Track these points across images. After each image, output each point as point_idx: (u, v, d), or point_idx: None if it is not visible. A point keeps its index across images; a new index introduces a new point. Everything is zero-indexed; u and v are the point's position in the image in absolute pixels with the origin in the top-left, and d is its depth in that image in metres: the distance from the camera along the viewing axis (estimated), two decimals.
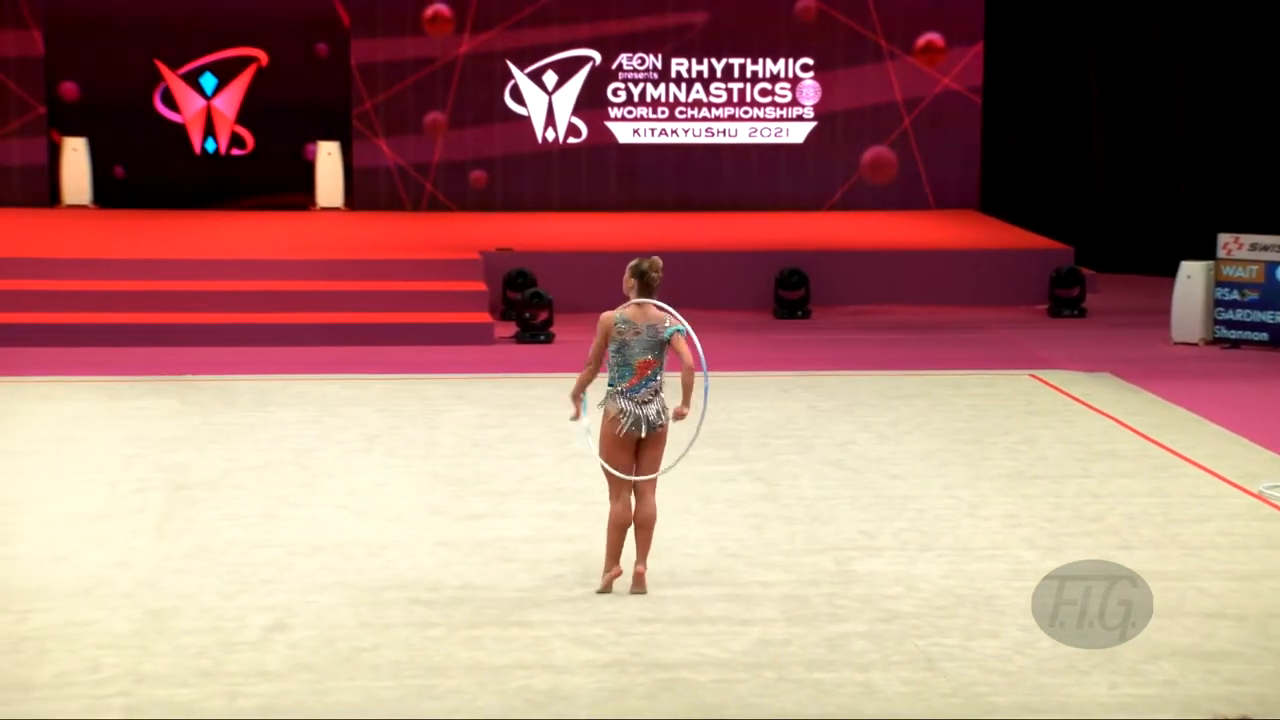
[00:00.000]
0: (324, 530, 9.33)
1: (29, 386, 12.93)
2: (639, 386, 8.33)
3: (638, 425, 8.30)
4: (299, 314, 15.53)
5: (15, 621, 7.70)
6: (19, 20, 18.58)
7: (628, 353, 8.35)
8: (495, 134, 19.73)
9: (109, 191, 19.18)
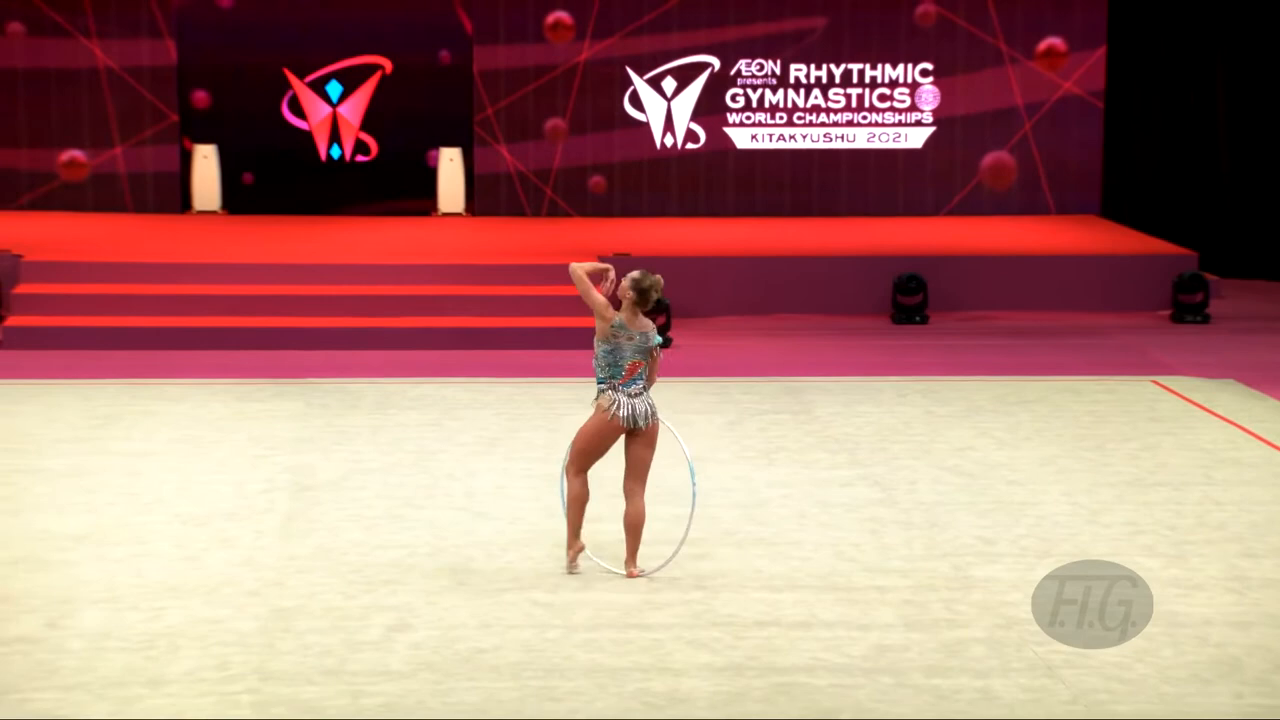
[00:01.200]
0: (445, 532, 9.45)
1: (162, 388, 13.21)
2: (630, 382, 8.73)
3: (630, 418, 8.69)
4: (421, 318, 15.73)
5: (148, 619, 7.89)
6: (154, 30, 18.99)
7: (618, 355, 8.73)
8: (614, 140, 19.84)
9: (237, 197, 19.53)
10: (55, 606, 7.98)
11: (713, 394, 13.33)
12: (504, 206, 19.73)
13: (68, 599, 8.09)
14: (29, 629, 7.68)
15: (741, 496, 10.36)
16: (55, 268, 16.00)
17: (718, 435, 11.94)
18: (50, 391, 12.98)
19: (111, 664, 7.34)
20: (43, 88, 18.90)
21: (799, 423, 12.29)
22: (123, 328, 15.15)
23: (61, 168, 19.09)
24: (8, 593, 8.16)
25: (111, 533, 9.25)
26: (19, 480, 10.30)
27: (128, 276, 16.00)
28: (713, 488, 10.53)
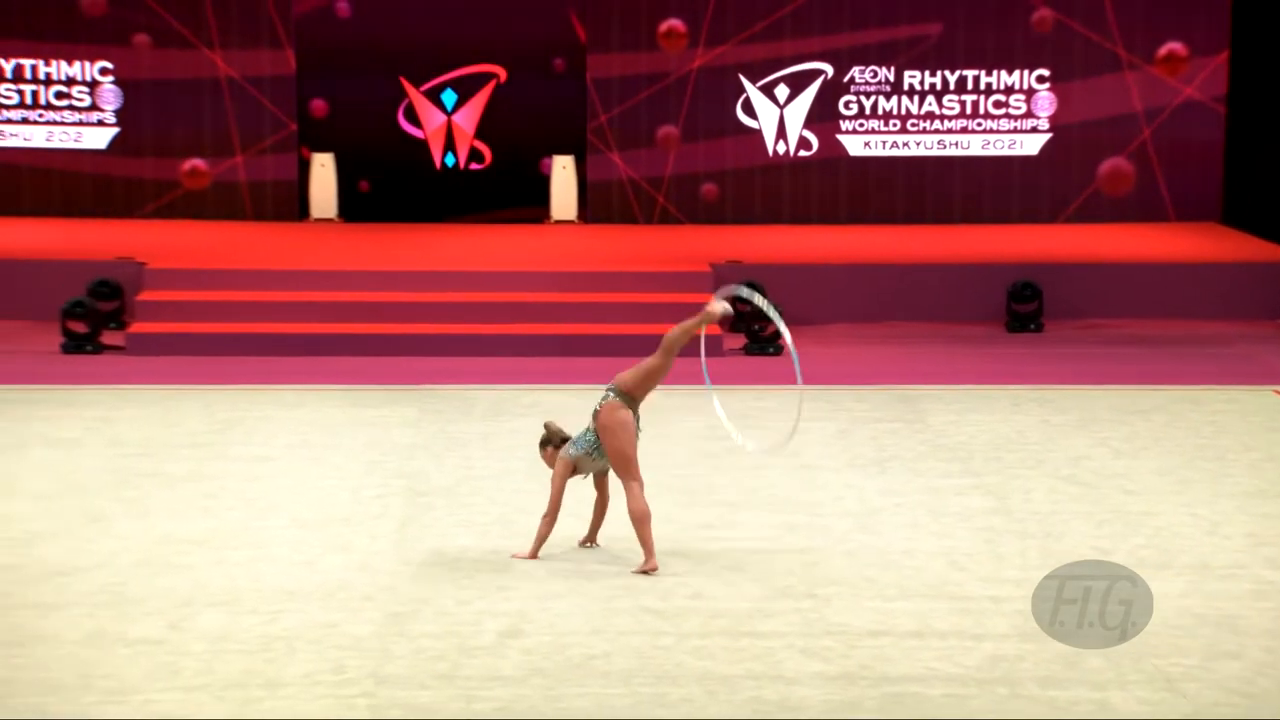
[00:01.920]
0: (556, 538, 9.49)
1: (279, 394, 13.39)
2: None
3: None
4: (533, 325, 15.83)
5: (266, 622, 7.99)
6: (274, 41, 19.27)
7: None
8: (727, 147, 19.83)
9: (354, 205, 19.76)
10: (177, 609, 8.11)
11: (824, 402, 13.28)
12: (616, 214, 19.79)
13: (189, 601, 8.23)
14: (152, 631, 7.82)
15: (853, 505, 10.32)
16: (177, 275, 16.27)
17: (829, 443, 11.90)
18: (172, 397, 13.21)
19: (231, 666, 7.45)
20: (167, 98, 19.24)
21: (912, 431, 12.22)
22: (242, 334, 15.38)
23: (184, 176, 19.41)
24: (132, 595, 8.31)
25: (231, 537, 9.39)
26: (143, 484, 10.49)
27: (247, 283, 16.24)
28: (824, 496, 10.50)
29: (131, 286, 16.01)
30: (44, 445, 11.46)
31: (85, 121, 19.22)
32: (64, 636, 7.68)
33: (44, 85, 19.13)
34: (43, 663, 7.38)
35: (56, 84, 19.14)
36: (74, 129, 19.22)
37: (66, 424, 12.09)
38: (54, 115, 19.19)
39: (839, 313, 16.86)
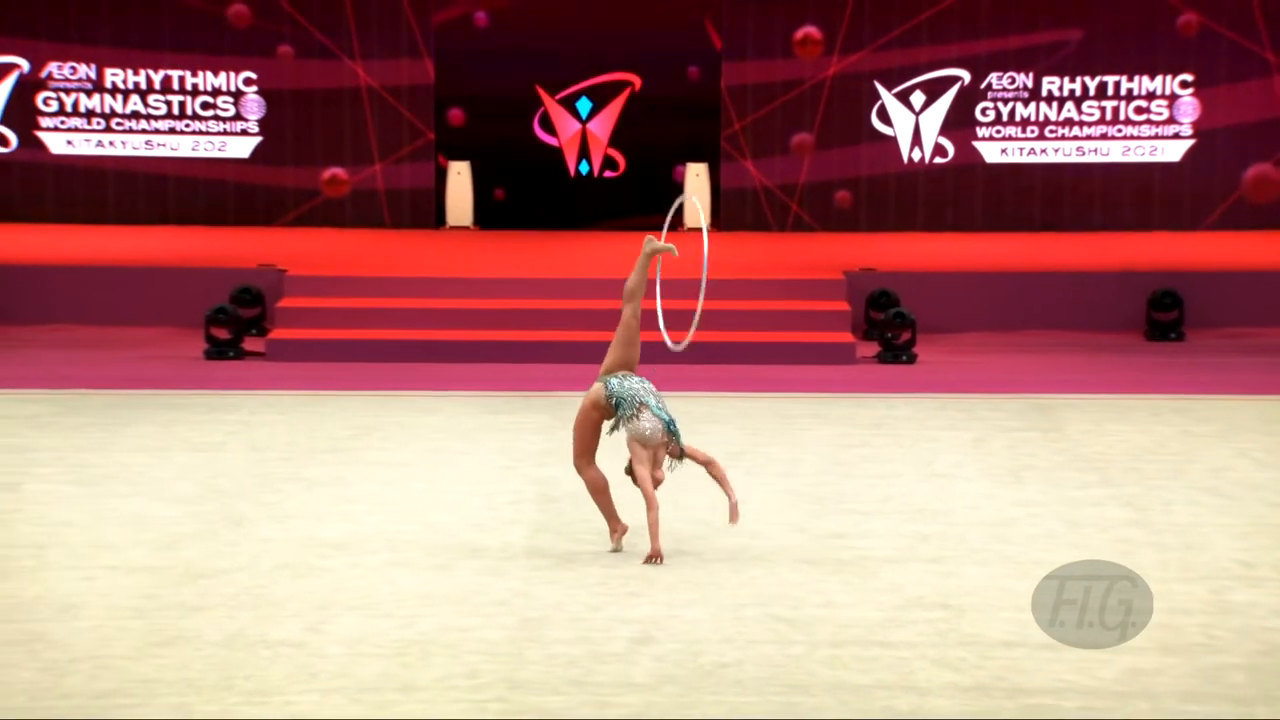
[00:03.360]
0: (686, 544, 9.50)
1: (415, 400, 13.55)
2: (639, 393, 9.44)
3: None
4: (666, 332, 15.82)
5: (401, 626, 8.08)
6: (413, 50, 19.52)
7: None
8: (861, 154, 19.75)
9: (489, 213, 19.94)
10: (315, 612, 8.23)
11: (958, 410, 13.17)
12: (749, 221, 19.79)
13: (327, 604, 8.34)
14: (292, 633, 7.94)
15: (988, 514, 10.22)
16: (316, 282, 16.53)
17: (963, 452, 11.80)
18: (310, 402, 13.42)
19: (367, 669, 7.54)
20: (308, 107, 19.56)
21: (1048, 440, 12.08)
22: (378, 340, 15.59)
23: (324, 185, 19.72)
24: (273, 597, 8.44)
25: (367, 541, 9.52)
26: (284, 488, 10.67)
27: (384, 290, 16.46)
28: (958, 505, 10.41)
29: (272, 293, 16.29)
30: (187, 450, 11.69)
31: (229, 131, 19.60)
32: (206, 637, 7.83)
33: (190, 96, 19.53)
34: (186, 663, 7.52)
35: (202, 95, 19.54)
36: (218, 138, 19.60)
37: (209, 429, 12.33)
38: (199, 125, 19.59)
39: (974, 321, 16.71)
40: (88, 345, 15.92)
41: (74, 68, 19.38)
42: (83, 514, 9.90)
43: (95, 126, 19.48)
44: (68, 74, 19.38)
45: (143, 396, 13.53)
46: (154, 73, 19.44)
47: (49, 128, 19.45)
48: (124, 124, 19.50)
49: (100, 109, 19.46)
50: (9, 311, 16.42)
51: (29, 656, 7.52)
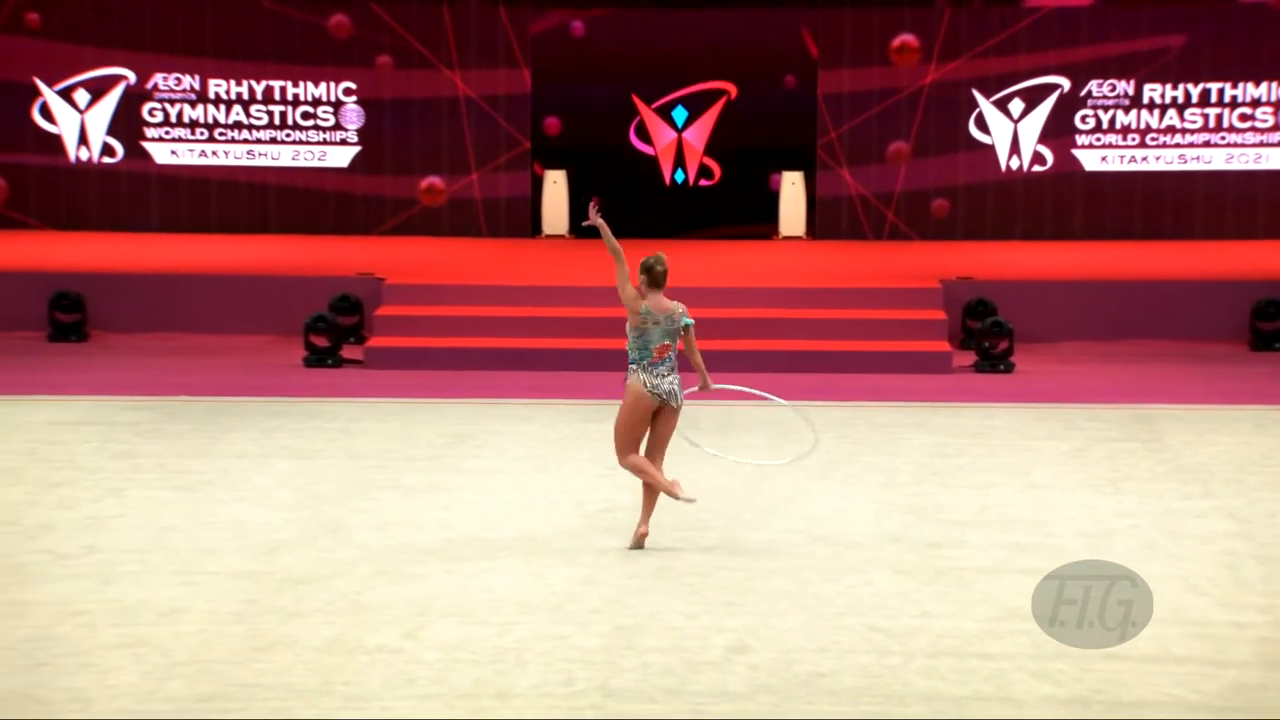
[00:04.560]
0: (782, 554, 9.48)
1: (510, 408, 13.62)
2: (659, 364, 9.51)
3: (657, 395, 9.43)
4: (761, 341, 15.84)
5: (497, 633, 8.13)
6: (511, 60, 19.64)
7: (647, 338, 9.56)
8: (958, 162, 19.63)
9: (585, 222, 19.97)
10: (413, 618, 8.29)
11: (1057, 420, 13.06)
12: (845, 230, 19.72)
13: (424, 611, 8.40)
14: (389, 639, 8.01)
15: (1087, 525, 10.12)
16: (414, 290, 16.65)
17: (1062, 462, 11.69)
18: (408, 410, 13.52)
19: (463, 676, 7.59)
20: (406, 117, 19.73)
21: (1148, 451, 11.94)
22: (475, 348, 15.68)
23: (422, 194, 19.88)
24: (370, 603, 8.52)
25: (463, 548, 9.58)
26: (382, 495, 10.76)
27: (480, 299, 16.55)
28: (1056, 516, 10.32)
29: (371, 302, 16.44)
30: (287, 456, 11.82)
31: (329, 141, 19.80)
32: (305, 643, 7.91)
33: (291, 106, 19.76)
34: (285, 668, 7.61)
35: (303, 105, 19.76)
36: (318, 148, 19.81)
37: (308, 436, 12.46)
38: (300, 135, 19.81)
39: (1073, 330, 16.55)
40: (189, 353, 16.13)
41: (178, 79, 19.67)
42: (185, 519, 10.04)
43: (199, 137, 19.76)
44: (172, 85, 19.68)
45: (243, 404, 13.70)
46: (256, 83, 19.69)
47: (154, 138, 19.75)
48: (226, 134, 19.76)
49: (204, 119, 19.73)
50: (113, 319, 16.68)
51: (133, 660, 7.64)
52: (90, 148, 19.66)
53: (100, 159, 19.68)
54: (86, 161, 19.67)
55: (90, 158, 19.67)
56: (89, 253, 18.09)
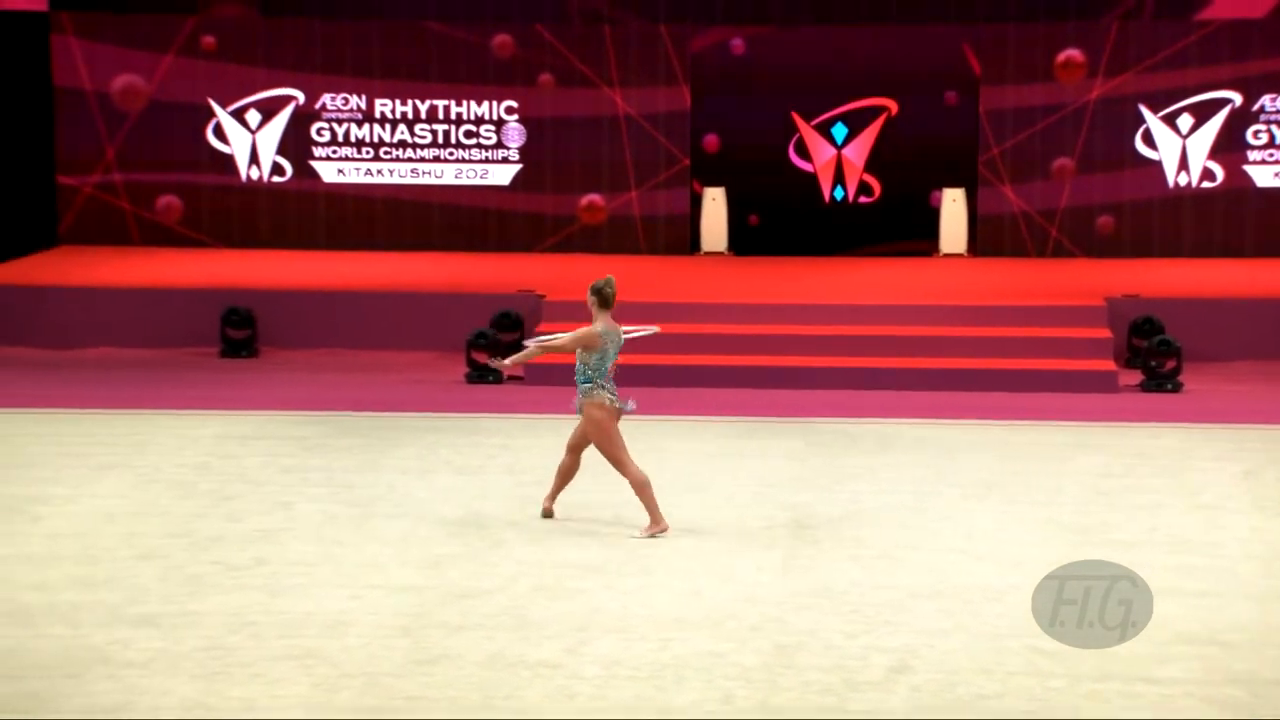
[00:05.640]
0: (943, 574, 9.40)
1: (669, 424, 13.66)
2: (611, 379, 10.21)
3: (617, 407, 10.17)
4: (920, 359, 15.72)
5: (656, 649, 8.15)
6: (671, 78, 19.73)
7: (606, 359, 10.16)
8: (1124, 179, 19.32)
9: (744, 239, 20.01)
10: (573, 633, 8.35)
11: (1227, 441, 12.79)
12: (1007, 246, 19.50)
13: (584, 626, 8.46)
14: (550, 654, 8.07)
15: (1259, 549, 9.90)
16: (574, 307, 16.74)
17: (1232, 484, 11.45)
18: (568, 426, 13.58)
19: (623, 692, 7.62)
20: (567, 135, 19.90)
21: None
22: (633, 365, 15.69)
23: (582, 211, 20.03)
24: (532, 618, 8.59)
25: (623, 564, 9.62)
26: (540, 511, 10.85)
27: (639, 316, 16.56)
28: (1226, 538, 10.11)
29: (532, 318, 16.58)
30: (449, 471, 11.97)
31: (491, 159, 20.03)
32: (468, 657, 8.00)
33: (454, 125, 20.03)
34: (449, 681, 7.70)
35: (466, 123, 20.02)
36: (480, 166, 20.05)
37: (470, 451, 12.60)
38: (462, 153, 20.07)
39: (1245, 349, 16.20)
40: (355, 369, 16.41)
41: (346, 99, 20.03)
42: (351, 533, 10.21)
43: (364, 155, 20.10)
44: (340, 105, 20.05)
45: (407, 419, 13.89)
46: (420, 102, 19.99)
47: (321, 157, 20.12)
48: (391, 153, 20.08)
49: (369, 138, 20.07)
50: (281, 335, 17.03)
51: (302, 672, 7.78)
52: (261, 167, 20.10)
53: (270, 178, 20.11)
54: (257, 180, 20.12)
55: (261, 177, 20.11)
56: (259, 270, 18.49)
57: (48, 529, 10.19)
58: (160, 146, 19.90)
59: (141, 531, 10.14)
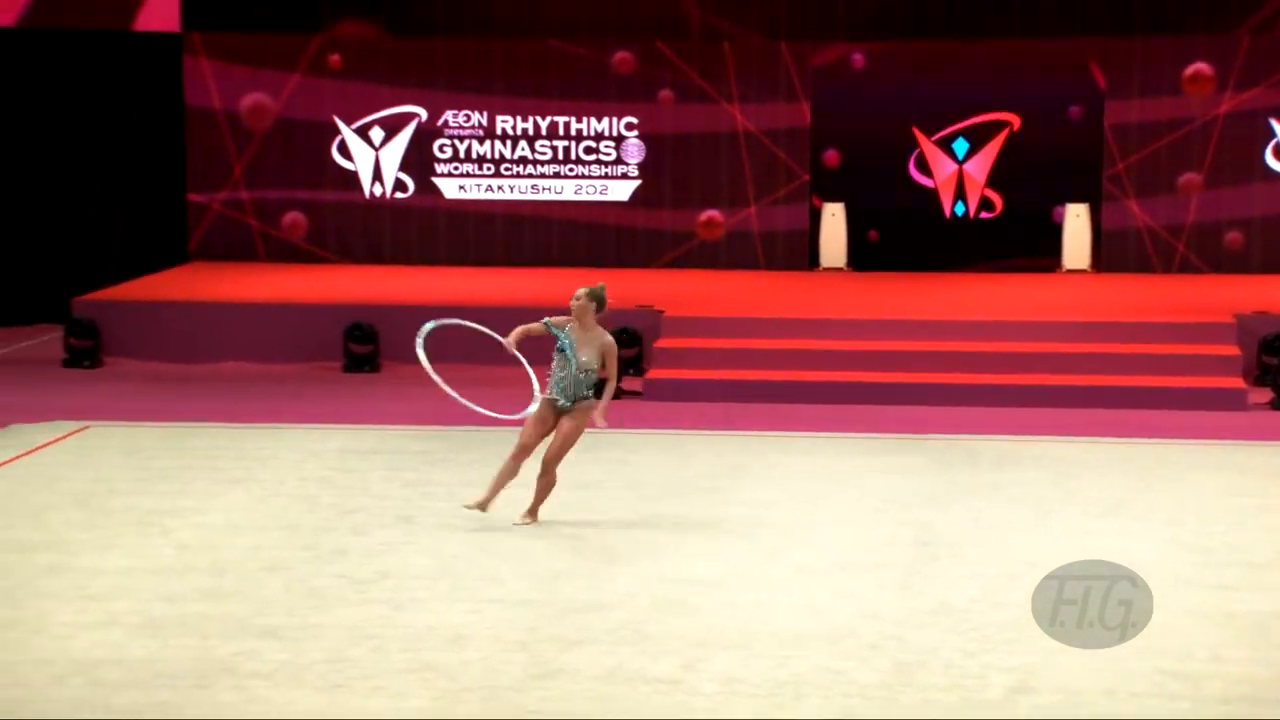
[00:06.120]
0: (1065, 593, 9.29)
1: (788, 440, 13.63)
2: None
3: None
4: (1042, 375, 15.55)
5: (775, 666, 8.14)
6: (790, 94, 19.70)
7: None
8: (1254, 194, 18.99)
9: (862, 255, 19.92)
10: (691, 649, 8.36)
11: None
12: (1132, 262, 19.25)
13: (702, 643, 8.46)
14: (668, 670, 8.08)
15: None
16: (692, 323, 16.80)
17: None
18: (686, 441, 13.64)
19: (739, 709, 7.62)
20: (686, 151, 19.94)
21: None
22: (753, 381, 15.73)
23: (700, 227, 20.05)
24: (649, 633, 8.61)
25: (741, 580, 9.61)
26: (660, 525, 10.87)
27: (758, 332, 16.61)
28: None
29: (650, 334, 16.62)
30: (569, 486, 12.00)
31: (610, 175, 20.12)
32: (585, 672, 8.03)
33: (574, 141, 20.14)
34: (565, 695, 7.74)
35: (586, 140, 20.13)
36: (600, 182, 20.15)
37: (588, 466, 12.63)
38: (582, 169, 20.17)
39: None
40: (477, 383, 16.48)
41: (467, 115, 20.23)
42: (470, 547, 10.30)
43: (485, 172, 20.27)
44: (461, 122, 20.24)
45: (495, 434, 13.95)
46: (541, 119, 20.13)
47: (443, 173, 20.32)
48: (512, 169, 20.23)
49: (490, 155, 20.24)
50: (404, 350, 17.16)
51: (422, 685, 7.86)
52: (384, 183, 20.33)
53: (393, 194, 20.34)
54: (380, 197, 20.35)
55: (384, 193, 20.35)
56: (382, 285, 18.70)
57: (177, 541, 10.38)
58: (286, 164, 20.21)
59: (267, 544, 10.30)
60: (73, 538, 10.40)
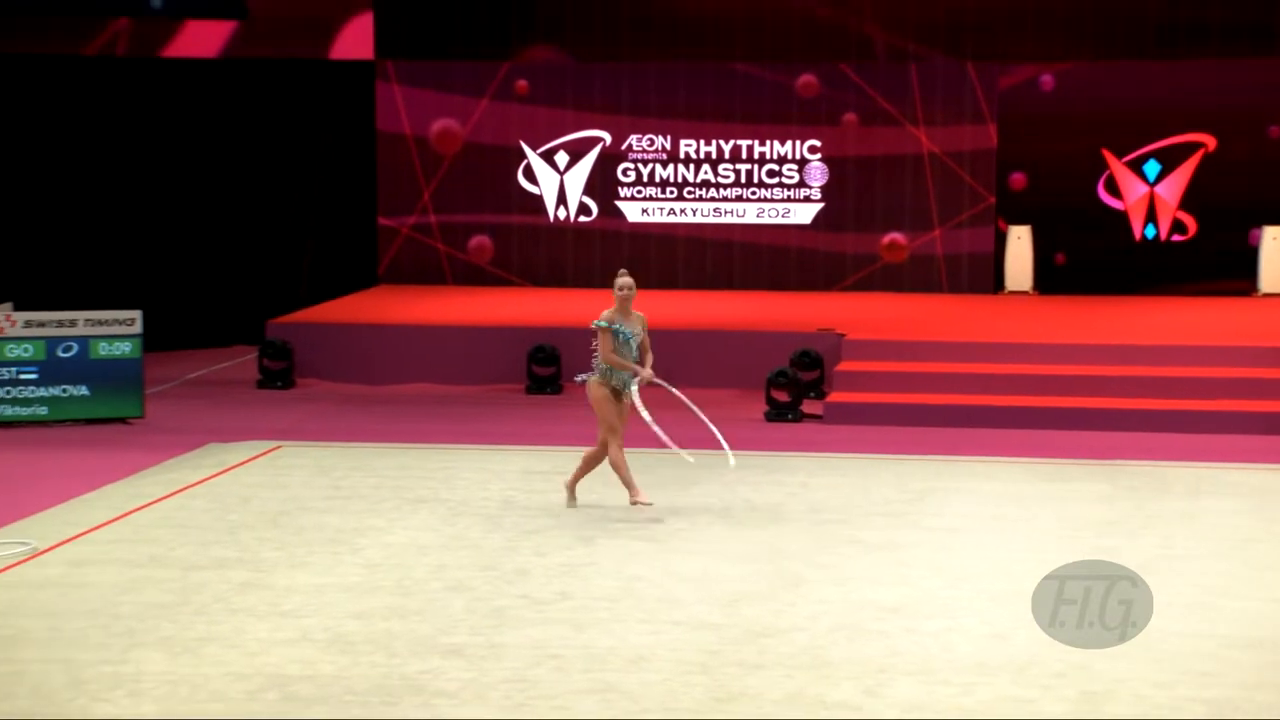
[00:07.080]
0: (1262, 624, 9.05)
1: (972, 465, 13.48)
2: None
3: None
4: (1239, 401, 15.19)
5: (958, 694, 8.04)
6: (977, 116, 19.53)
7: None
8: None
9: (1049, 277, 19.65)
10: (873, 675, 8.30)
11: None
12: None
13: (884, 669, 8.39)
14: (849, 695, 8.03)
15: None
16: (874, 346, 16.70)
17: None
18: (868, 465, 13.55)
19: None
20: (869, 174, 19.85)
21: None
22: (936, 405, 15.59)
23: (883, 250, 19.94)
24: (830, 658, 8.57)
25: (923, 606, 9.52)
26: (841, 550, 10.82)
27: (941, 355, 16.45)
28: None
29: (831, 357, 16.56)
30: (748, 509, 12.03)
31: (793, 198, 20.10)
32: (765, 696, 8.01)
33: (757, 164, 20.17)
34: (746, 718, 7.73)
35: (769, 163, 20.14)
36: (782, 205, 20.14)
37: (769, 489, 12.64)
38: (764, 193, 20.19)
39: None
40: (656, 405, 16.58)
41: (651, 139, 20.36)
42: (652, 569, 10.34)
43: (668, 195, 20.38)
44: (645, 145, 20.38)
45: (708, 456, 14.00)
46: (724, 142, 20.18)
47: (626, 197, 20.48)
48: (695, 192, 20.32)
49: (673, 178, 20.35)
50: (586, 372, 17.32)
51: (603, 706, 7.91)
52: (568, 207, 20.55)
53: (576, 218, 20.54)
54: (564, 220, 20.57)
55: (568, 217, 20.56)
56: (565, 308, 18.88)
57: (366, 559, 10.57)
58: (473, 188, 20.52)
59: (451, 564, 10.45)
60: (266, 555, 10.65)
